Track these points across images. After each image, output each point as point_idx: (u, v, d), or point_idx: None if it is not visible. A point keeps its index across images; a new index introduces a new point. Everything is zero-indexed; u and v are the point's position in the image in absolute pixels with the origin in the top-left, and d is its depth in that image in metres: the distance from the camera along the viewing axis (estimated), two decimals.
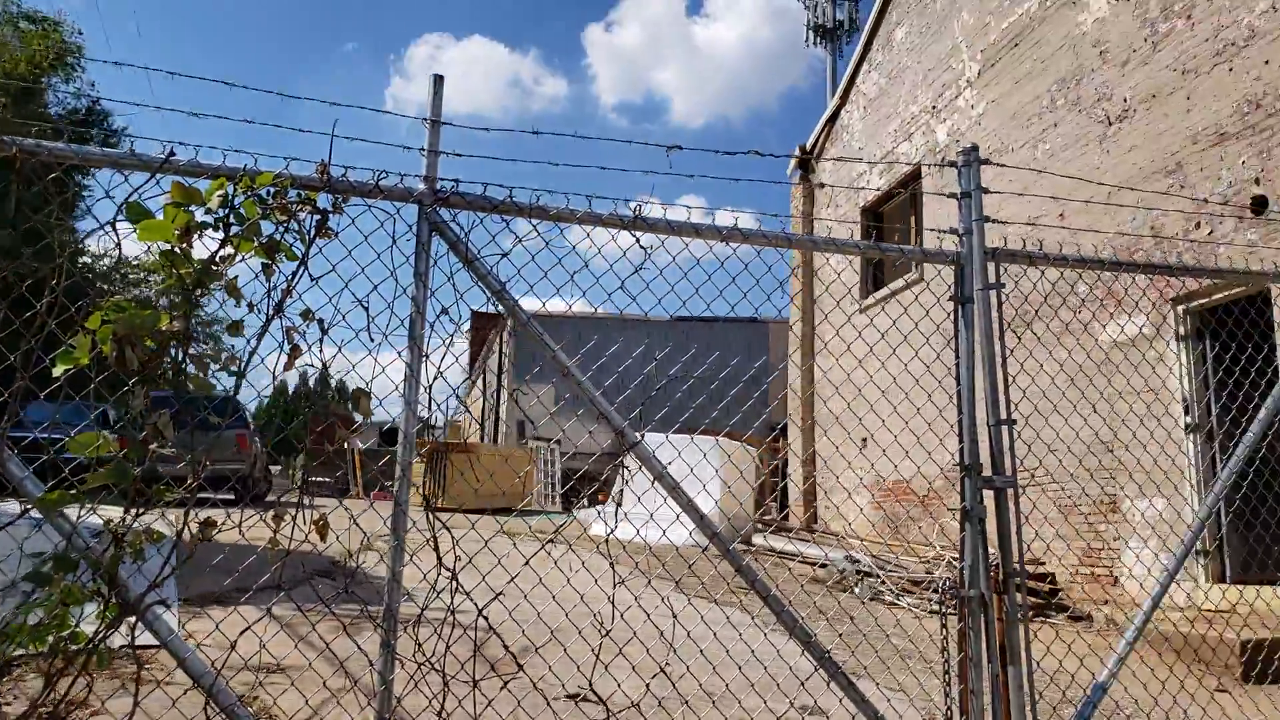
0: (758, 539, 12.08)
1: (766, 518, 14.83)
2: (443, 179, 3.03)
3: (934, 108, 12.90)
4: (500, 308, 3.22)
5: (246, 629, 2.95)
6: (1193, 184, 8.45)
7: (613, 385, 3.26)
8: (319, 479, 26.50)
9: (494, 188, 3.05)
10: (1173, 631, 6.63)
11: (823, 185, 3.33)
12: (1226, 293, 8.06)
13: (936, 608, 8.46)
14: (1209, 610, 7.15)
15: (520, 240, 3.10)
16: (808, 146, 16.55)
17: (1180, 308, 8.58)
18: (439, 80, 2.99)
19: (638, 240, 3.21)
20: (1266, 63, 7.84)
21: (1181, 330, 8.57)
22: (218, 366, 2.85)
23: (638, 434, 3.25)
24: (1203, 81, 8.45)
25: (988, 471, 3.76)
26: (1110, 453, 8.98)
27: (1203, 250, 8.18)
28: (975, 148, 3.75)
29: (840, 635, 5.83)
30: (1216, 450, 8.12)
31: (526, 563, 3.14)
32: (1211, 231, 8.21)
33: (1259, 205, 7.82)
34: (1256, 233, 7.77)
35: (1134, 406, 8.20)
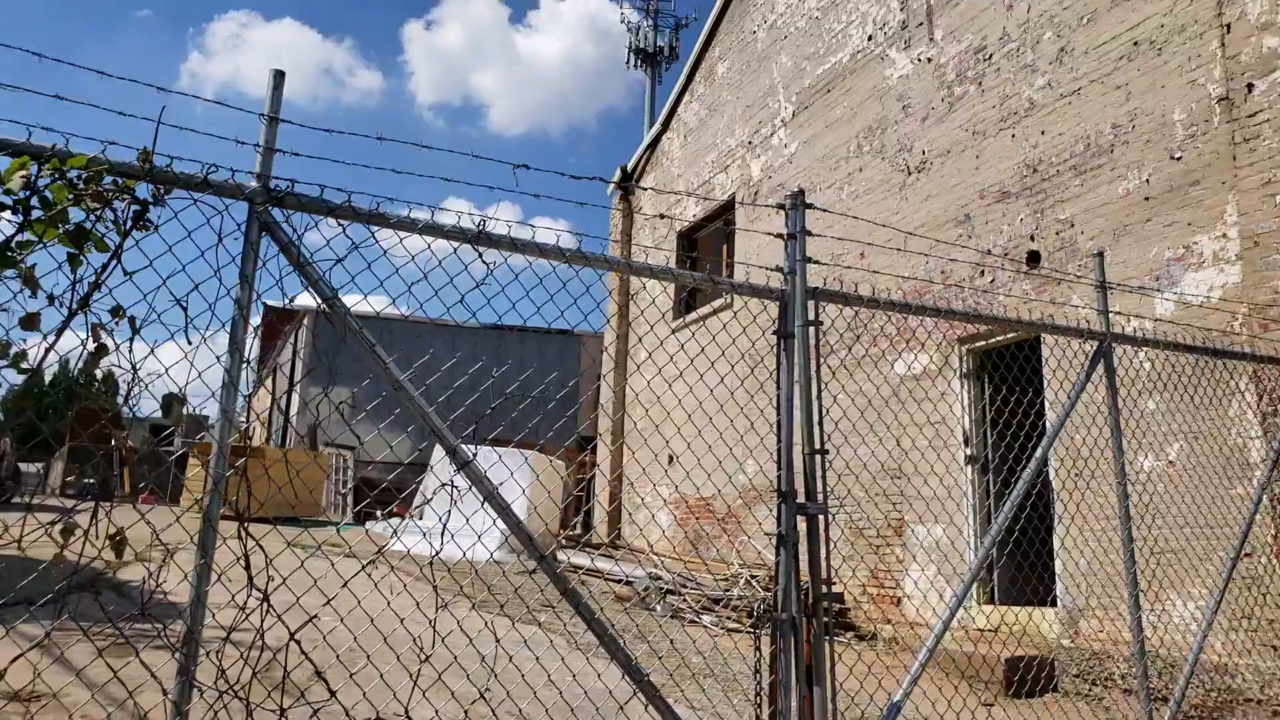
0: (563, 555, 12.09)
1: (572, 533, 14.87)
2: (277, 178, 2.86)
3: (750, 143, 13.46)
4: (321, 306, 3.07)
5: (19, 656, 2.65)
6: (979, 235, 9.23)
7: (430, 394, 3.17)
8: (87, 480, 24.27)
9: (331, 190, 2.91)
10: (954, 650, 7.17)
11: (662, 216, 3.40)
12: (1004, 336, 8.83)
13: (737, 625, 8.75)
14: (980, 630, 7.78)
15: (357, 246, 2.97)
16: (629, 169, 16.85)
17: (964, 347, 9.33)
18: (280, 76, 2.83)
19: (480, 256, 3.16)
20: (1043, 133, 8.69)
21: (964, 368, 9.32)
22: (4, 363, 2.57)
23: (471, 450, 3.18)
24: (990, 143, 9.26)
25: (802, 499, 3.94)
26: (899, 479, 9.61)
27: (985, 297, 8.93)
28: (802, 192, 3.93)
29: (660, 658, 5.92)
30: (990, 480, 8.86)
31: (345, 584, 3.00)
32: (993, 280, 8.99)
33: (1033, 260, 8.64)
34: (1030, 284, 8.57)
35: (920, 437, 8.83)
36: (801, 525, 3.96)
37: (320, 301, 2.98)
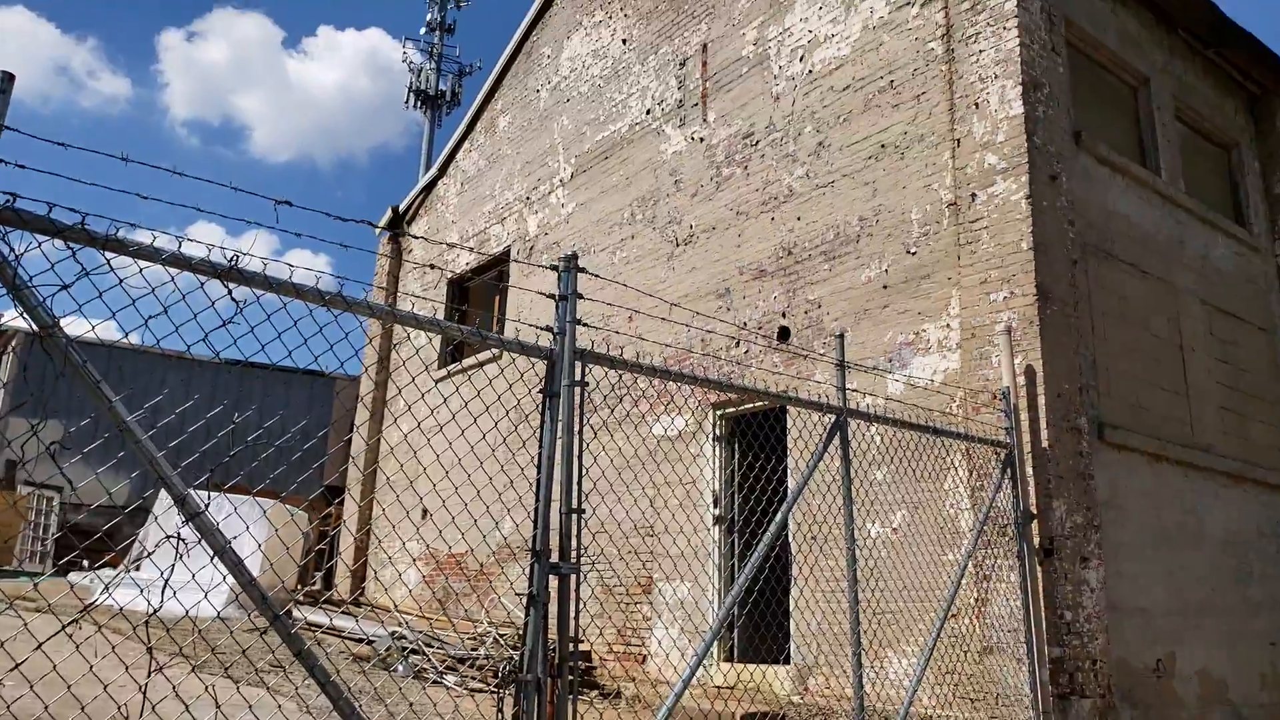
0: (301, 613, 11.37)
1: (311, 589, 14.04)
2: None
3: (528, 198, 13.58)
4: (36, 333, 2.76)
5: None
6: (737, 308, 9.75)
7: (162, 435, 2.91)
8: None
9: (62, 210, 2.64)
10: (692, 707, 7.35)
11: (432, 267, 3.36)
12: (754, 404, 9.31)
13: (481, 685, 8.55)
14: (718, 688, 8.04)
15: (88, 273, 2.70)
16: (401, 211, 16.50)
17: (718, 413, 9.75)
18: (9, 79, 2.55)
19: (230, 293, 2.96)
20: (799, 219, 9.36)
21: (717, 432, 9.74)
22: None
23: (204, 498, 2.94)
24: (752, 224, 9.86)
25: (556, 558, 3.94)
26: (650, 537, 9.82)
27: (738, 367, 9.41)
28: (575, 256, 4.01)
29: None
30: (735, 540, 9.25)
31: (39, 646, 2.66)
32: (747, 351, 9.50)
33: (784, 335, 9.22)
34: (780, 358, 9.13)
35: (672, 497, 9.09)
36: (554, 584, 3.96)
37: (38, 330, 2.68)
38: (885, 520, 7.82)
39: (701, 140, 10.78)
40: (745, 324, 9.59)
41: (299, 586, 13.40)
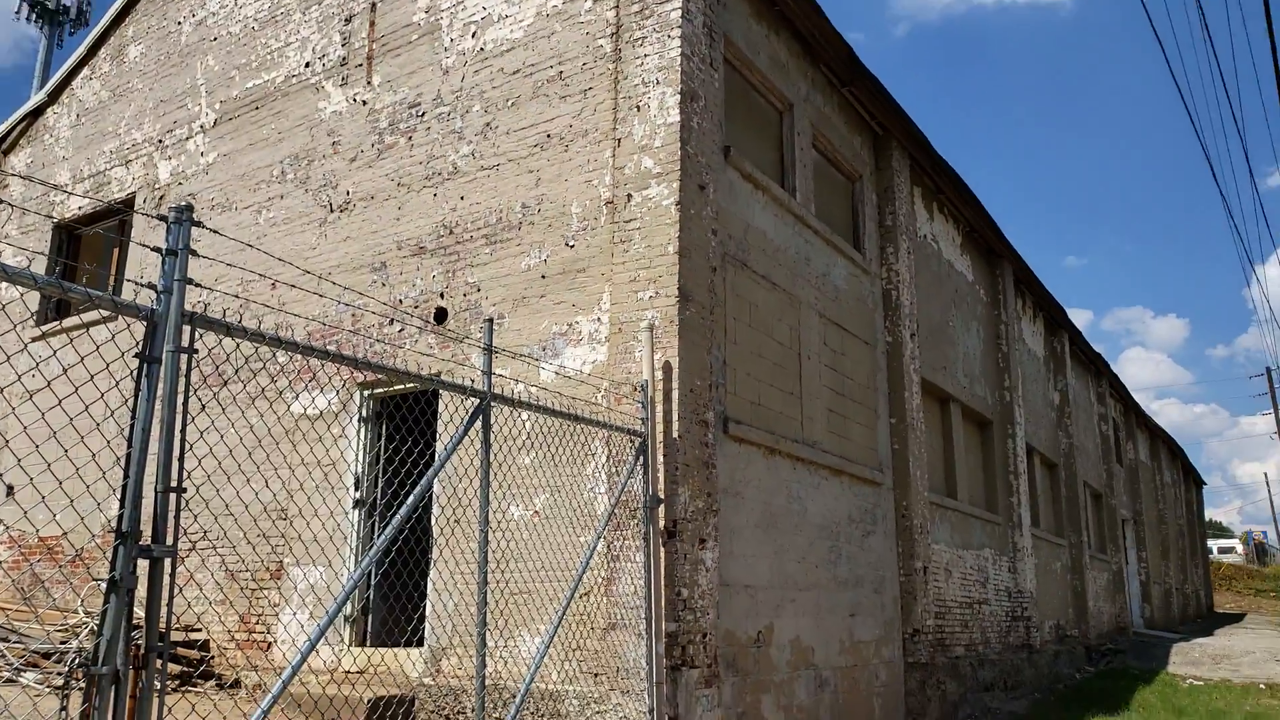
0: None
1: None
2: None
3: (161, 142, 12.21)
4: None
5: None
6: (393, 284, 9.41)
7: None
8: None
9: None
10: (318, 693, 6.99)
11: (14, 207, 2.82)
12: (406, 385, 9.05)
13: (73, 683, 7.56)
14: (347, 672, 7.73)
15: None
16: None
17: (366, 391, 9.36)
18: None
19: None
20: (462, 198, 9.21)
21: (364, 412, 9.34)
22: None
23: None
24: (413, 198, 9.55)
25: (147, 540, 3.53)
26: (282, 521, 9.22)
27: (392, 345, 9.09)
28: (190, 207, 3.60)
29: None
30: (376, 522, 8.94)
31: None
32: (402, 330, 9.20)
33: (440, 316, 9.04)
34: (435, 339, 8.94)
35: (309, 479, 8.60)
36: (145, 569, 3.55)
37: None
38: (528, 503, 7.93)
39: (364, 103, 10.27)
40: (401, 301, 9.28)
41: None
